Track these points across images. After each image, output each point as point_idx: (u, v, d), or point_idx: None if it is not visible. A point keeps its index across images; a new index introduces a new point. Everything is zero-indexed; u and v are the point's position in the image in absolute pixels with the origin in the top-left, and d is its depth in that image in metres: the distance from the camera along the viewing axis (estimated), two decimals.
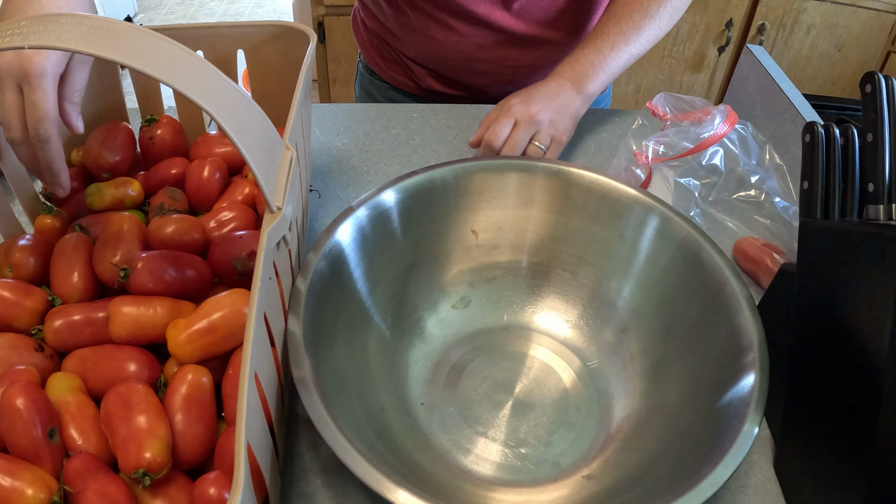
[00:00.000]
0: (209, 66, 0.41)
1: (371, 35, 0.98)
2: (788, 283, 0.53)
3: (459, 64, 0.90)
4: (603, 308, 0.61)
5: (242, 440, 0.34)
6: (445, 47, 0.88)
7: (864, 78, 0.49)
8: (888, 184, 0.48)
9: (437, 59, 0.91)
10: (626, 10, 0.79)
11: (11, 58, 0.49)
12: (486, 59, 0.89)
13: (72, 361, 0.48)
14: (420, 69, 0.94)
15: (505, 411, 0.56)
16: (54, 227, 0.59)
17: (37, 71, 0.49)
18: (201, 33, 0.65)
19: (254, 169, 0.41)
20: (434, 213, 0.61)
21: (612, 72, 0.79)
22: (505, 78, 0.93)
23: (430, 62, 0.92)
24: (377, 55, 0.98)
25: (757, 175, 0.71)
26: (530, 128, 0.71)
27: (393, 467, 0.44)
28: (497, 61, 0.89)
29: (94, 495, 0.40)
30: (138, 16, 3.07)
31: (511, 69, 0.91)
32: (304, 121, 0.59)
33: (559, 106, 0.74)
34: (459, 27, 0.85)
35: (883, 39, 1.87)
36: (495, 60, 0.89)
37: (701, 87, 2.03)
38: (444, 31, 0.86)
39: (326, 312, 0.51)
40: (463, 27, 0.85)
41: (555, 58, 0.91)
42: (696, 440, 0.47)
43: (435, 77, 0.94)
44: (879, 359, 0.42)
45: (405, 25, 0.89)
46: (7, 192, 0.58)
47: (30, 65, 0.49)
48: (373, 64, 1.00)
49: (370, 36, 0.98)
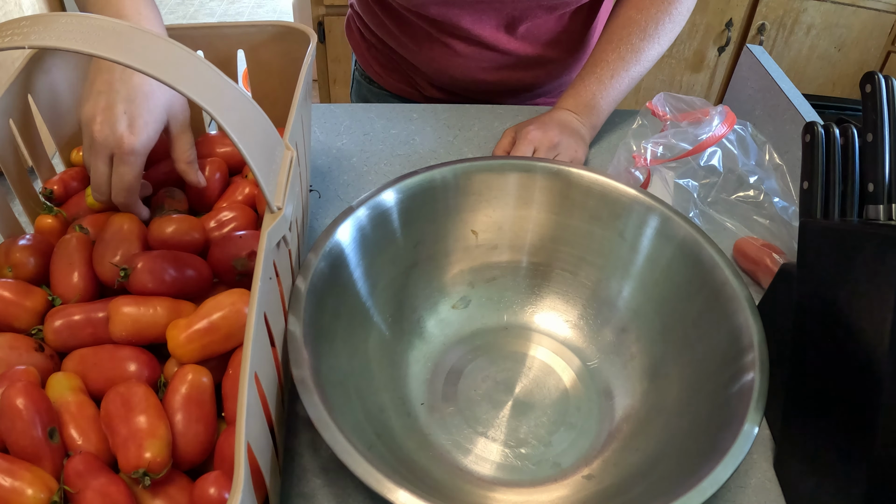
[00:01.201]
0: (209, 66, 0.41)
1: (369, 44, 0.97)
2: (788, 283, 0.53)
3: (465, 84, 0.90)
4: (603, 308, 0.61)
5: (242, 440, 0.34)
6: (450, 68, 0.88)
7: (864, 78, 0.49)
8: (888, 184, 0.48)
9: (440, 74, 0.90)
10: (625, 33, 0.79)
11: (107, 133, 0.53)
12: (490, 81, 0.89)
13: (72, 361, 0.48)
14: (423, 79, 0.94)
15: (505, 411, 0.56)
16: (54, 227, 0.59)
17: (128, 149, 0.53)
18: (201, 33, 0.65)
19: (254, 169, 0.41)
20: (434, 213, 0.61)
21: (614, 99, 0.80)
22: (508, 93, 0.93)
23: (434, 75, 0.92)
24: (376, 64, 0.97)
25: (756, 175, 0.71)
26: (551, 152, 0.74)
27: (393, 467, 0.44)
28: (501, 81, 0.90)
29: (94, 495, 0.40)
30: None
31: (514, 88, 0.92)
32: (304, 121, 0.59)
33: (572, 132, 0.76)
34: (464, 50, 0.85)
35: (883, 39, 1.87)
36: (499, 81, 0.90)
37: (701, 88, 2.03)
38: (449, 53, 0.86)
39: (326, 312, 0.51)
40: (467, 50, 0.85)
41: (557, 75, 0.91)
42: (696, 440, 0.47)
43: (438, 87, 0.94)
44: (879, 359, 0.42)
45: (408, 42, 0.88)
46: (7, 192, 0.58)
47: (122, 142, 0.53)
48: (372, 72, 0.99)
49: (368, 45, 0.97)
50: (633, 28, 0.79)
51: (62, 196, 0.62)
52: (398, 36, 0.88)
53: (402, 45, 0.89)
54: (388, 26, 0.88)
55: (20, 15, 1.43)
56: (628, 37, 0.79)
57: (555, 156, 0.74)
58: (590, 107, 0.79)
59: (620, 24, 0.80)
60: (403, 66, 0.94)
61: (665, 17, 0.79)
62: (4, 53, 1.45)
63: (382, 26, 0.89)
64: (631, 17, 0.80)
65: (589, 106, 0.79)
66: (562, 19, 0.85)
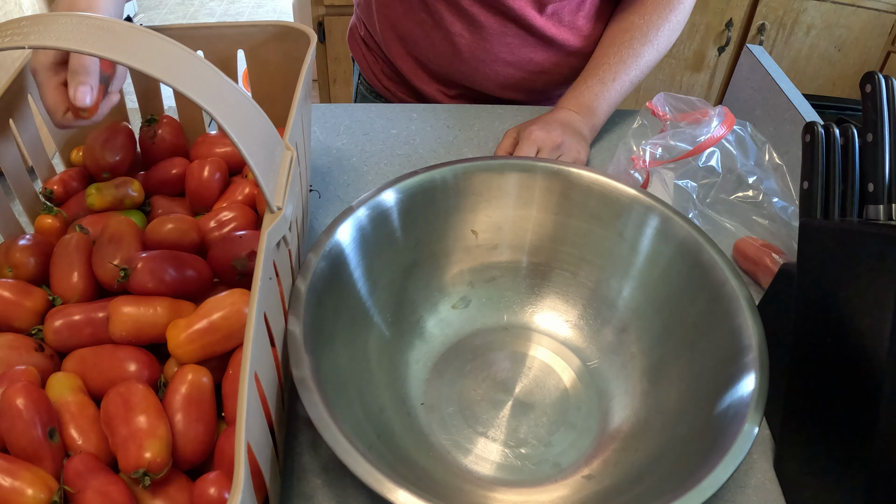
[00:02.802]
0: (209, 66, 0.41)
1: (375, 56, 0.96)
2: (788, 283, 0.53)
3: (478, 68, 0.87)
4: (603, 308, 0.61)
5: (242, 440, 0.34)
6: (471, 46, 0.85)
7: (864, 78, 0.49)
8: (888, 184, 0.48)
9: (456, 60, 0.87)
10: (626, 37, 0.81)
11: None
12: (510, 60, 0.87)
13: (72, 361, 0.48)
14: (432, 86, 0.92)
15: (505, 411, 0.56)
16: (54, 227, 0.59)
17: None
18: (201, 33, 0.65)
19: (254, 169, 0.41)
20: (434, 213, 0.61)
21: (614, 101, 0.82)
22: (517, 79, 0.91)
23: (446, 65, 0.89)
24: (382, 75, 0.97)
25: (755, 175, 0.71)
26: (554, 152, 0.74)
27: (393, 467, 0.44)
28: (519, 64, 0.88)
29: (94, 495, 0.40)
30: (138, 16, 3.07)
31: (528, 77, 0.90)
32: (304, 121, 0.59)
33: (574, 132, 0.77)
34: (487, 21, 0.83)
35: (883, 39, 1.86)
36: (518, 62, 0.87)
37: (701, 88, 2.03)
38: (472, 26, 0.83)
39: (326, 312, 0.51)
40: (491, 22, 0.83)
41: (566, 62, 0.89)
42: (696, 440, 0.47)
43: (446, 94, 0.93)
44: (879, 359, 0.42)
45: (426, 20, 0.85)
46: (7, 192, 0.58)
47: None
48: (379, 87, 0.98)
49: (374, 57, 0.96)
50: (635, 33, 0.81)
51: (62, 196, 0.62)
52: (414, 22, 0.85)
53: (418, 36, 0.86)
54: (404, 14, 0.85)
55: (20, 15, 1.43)
56: (630, 41, 0.81)
57: (558, 156, 0.74)
58: (591, 108, 0.80)
59: (622, 29, 0.81)
60: (412, 78, 0.92)
61: (665, 23, 0.81)
62: (4, 53, 1.45)
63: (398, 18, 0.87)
64: (633, 22, 0.81)
65: (590, 107, 0.80)
66: (590, 9, 0.84)
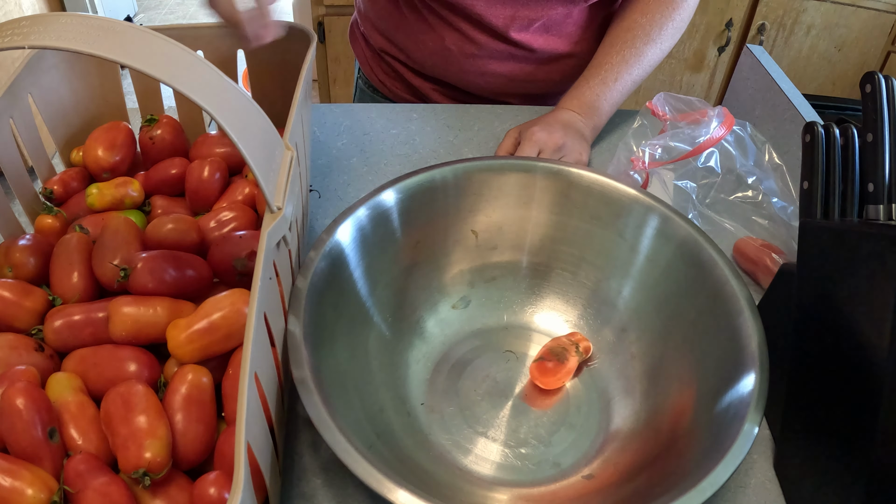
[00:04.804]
0: (209, 66, 0.41)
1: (373, 52, 0.96)
2: (788, 283, 0.53)
3: (473, 77, 0.89)
4: (603, 308, 0.61)
5: (242, 440, 0.34)
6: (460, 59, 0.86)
7: (863, 78, 0.49)
8: (888, 184, 0.48)
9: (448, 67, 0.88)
10: (629, 36, 0.80)
11: None
12: (501, 73, 0.88)
13: (72, 361, 0.48)
14: (427, 85, 0.93)
15: (505, 411, 0.56)
16: (54, 227, 0.59)
17: None
18: (201, 33, 0.65)
19: (254, 169, 0.41)
20: (434, 213, 0.61)
21: (616, 101, 0.81)
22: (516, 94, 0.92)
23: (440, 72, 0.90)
24: (381, 72, 0.97)
25: (754, 175, 0.71)
26: (556, 154, 0.74)
27: (393, 467, 0.44)
28: (511, 75, 0.88)
29: (94, 495, 0.40)
30: (138, 16, 3.07)
31: (523, 85, 0.91)
32: (304, 121, 0.59)
33: (576, 133, 0.76)
34: (477, 37, 0.83)
35: (883, 39, 1.87)
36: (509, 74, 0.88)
37: (701, 87, 2.03)
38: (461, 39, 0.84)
39: (326, 312, 0.51)
40: (480, 38, 0.83)
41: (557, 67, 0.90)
42: (696, 440, 0.47)
43: (441, 93, 0.93)
44: (879, 359, 0.42)
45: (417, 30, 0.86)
46: (7, 192, 0.58)
47: None
48: (375, 81, 0.98)
49: (372, 53, 0.96)
50: (638, 31, 0.79)
51: (62, 196, 0.62)
52: (405, 26, 0.86)
53: (409, 39, 0.87)
54: (395, 17, 0.87)
55: (20, 15, 1.43)
56: (632, 40, 0.80)
57: (560, 157, 0.74)
58: (593, 108, 0.79)
59: (625, 28, 0.80)
60: (408, 75, 0.93)
61: (668, 21, 0.80)
62: (4, 53, 1.45)
63: (389, 19, 0.88)
64: (635, 21, 0.80)
65: (592, 107, 0.79)
66: (578, 16, 0.84)
